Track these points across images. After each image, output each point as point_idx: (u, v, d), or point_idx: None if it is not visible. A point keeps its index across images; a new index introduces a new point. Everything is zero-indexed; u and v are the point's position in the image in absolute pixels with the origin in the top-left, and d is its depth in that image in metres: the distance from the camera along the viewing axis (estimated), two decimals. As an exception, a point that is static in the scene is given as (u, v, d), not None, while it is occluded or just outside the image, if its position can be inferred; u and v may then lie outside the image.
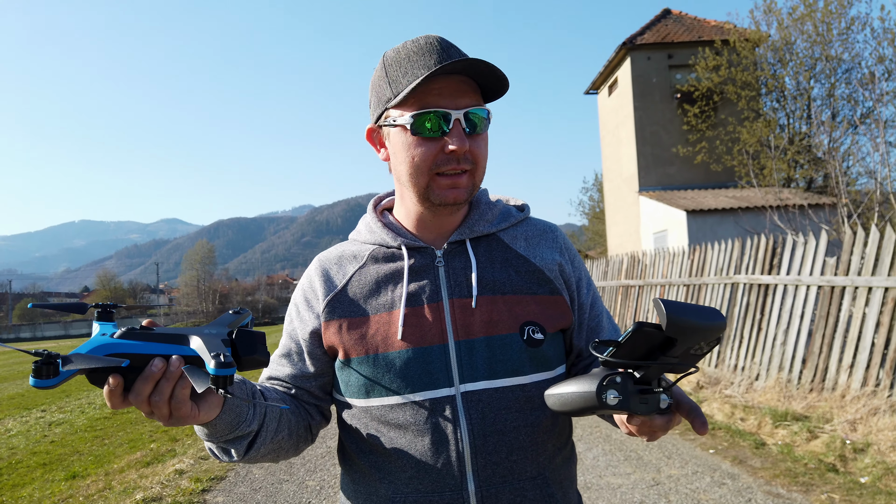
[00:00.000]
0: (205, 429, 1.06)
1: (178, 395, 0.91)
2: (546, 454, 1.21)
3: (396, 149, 1.20)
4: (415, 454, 1.16)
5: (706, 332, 0.88)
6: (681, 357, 0.92)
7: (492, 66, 1.11)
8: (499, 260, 1.27)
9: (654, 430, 1.01)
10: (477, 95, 1.17)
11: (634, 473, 5.23)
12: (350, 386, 1.23)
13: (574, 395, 0.96)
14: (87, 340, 0.88)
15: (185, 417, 0.94)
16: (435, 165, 1.15)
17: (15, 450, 7.86)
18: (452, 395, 1.16)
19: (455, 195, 1.17)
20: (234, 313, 1.02)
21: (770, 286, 7.59)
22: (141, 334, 0.90)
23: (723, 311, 8.53)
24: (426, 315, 1.20)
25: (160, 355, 0.90)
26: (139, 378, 0.89)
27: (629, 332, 0.89)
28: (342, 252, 1.34)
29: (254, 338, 0.95)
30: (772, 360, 7.25)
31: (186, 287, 74.68)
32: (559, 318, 1.26)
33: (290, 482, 5.57)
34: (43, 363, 0.79)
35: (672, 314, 0.85)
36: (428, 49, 1.14)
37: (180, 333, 0.92)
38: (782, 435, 5.86)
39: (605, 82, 23.08)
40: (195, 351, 0.90)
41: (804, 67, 17.94)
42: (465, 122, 1.14)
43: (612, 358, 0.92)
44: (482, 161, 1.19)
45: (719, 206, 16.21)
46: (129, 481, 5.90)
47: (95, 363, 0.84)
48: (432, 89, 1.13)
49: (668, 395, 0.96)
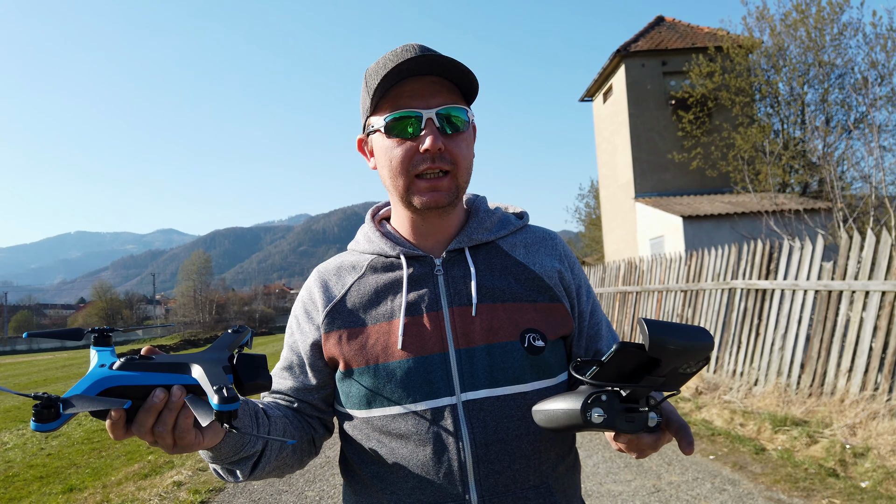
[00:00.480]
0: (209, 452, 1.06)
1: (181, 425, 0.91)
2: (549, 463, 1.20)
3: (378, 154, 1.22)
4: (417, 464, 1.15)
5: (691, 352, 0.87)
6: (667, 376, 0.91)
7: (452, 61, 1.12)
8: (498, 268, 1.27)
9: (643, 448, 1.01)
10: (453, 95, 1.17)
11: (635, 480, 5.22)
12: (351, 397, 1.22)
13: (559, 413, 0.96)
14: (87, 373, 0.86)
15: (189, 446, 0.94)
16: (412, 167, 1.16)
17: (11, 463, 7.80)
18: (454, 403, 1.16)
19: (435, 198, 1.17)
20: (234, 332, 1.01)
21: (767, 291, 7.60)
22: (141, 364, 0.89)
23: (720, 317, 8.54)
24: (426, 324, 1.20)
25: (161, 385, 0.88)
26: (141, 410, 0.88)
27: (611, 353, 0.88)
28: (341, 263, 1.34)
29: (255, 362, 0.95)
30: (770, 366, 7.25)
31: (183, 297, 74.50)
32: (560, 325, 1.25)
33: (290, 493, 5.54)
34: (43, 407, 0.78)
35: (655, 335, 0.84)
36: (401, 54, 1.15)
37: (181, 362, 0.91)
38: (782, 440, 5.85)
39: (600, 89, 23.16)
40: (196, 380, 0.89)
41: (797, 73, 18.05)
42: (438, 121, 1.14)
43: (595, 378, 0.91)
44: (462, 161, 1.18)
45: (715, 212, 16.25)
46: (126, 494, 5.86)
47: (97, 405, 0.82)
48: (404, 91, 1.15)
49: (657, 413, 0.96)
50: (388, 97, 1.16)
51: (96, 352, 0.90)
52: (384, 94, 1.16)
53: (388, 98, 1.16)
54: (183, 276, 77.27)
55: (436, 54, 1.13)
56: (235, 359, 0.94)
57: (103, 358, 0.88)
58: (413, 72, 1.13)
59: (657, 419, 0.95)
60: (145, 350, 0.92)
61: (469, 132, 1.21)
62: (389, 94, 1.16)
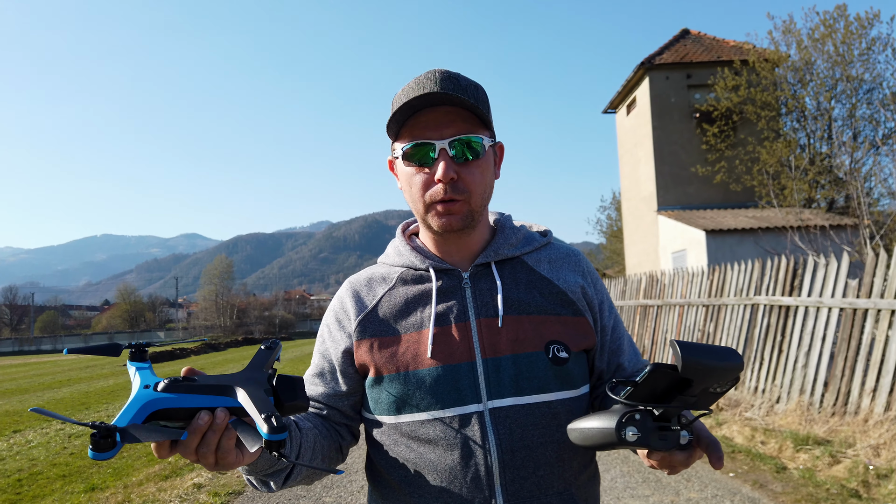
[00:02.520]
0: (245, 467, 1.10)
1: (224, 446, 0.94)
2: (572, 471, 1.24)
3: (401, 178, 1.29)
4: (444, 469, 1.19)
5: (722, 373, 0.91)
6: (699, 396, 0.94)
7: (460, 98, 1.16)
8: (523, 281, 1.31)
9: (675, 465, 1.04)
10: (468, 124, 1.21)
11: (653, 496, 5.18)
12: (380, 403, 1.27)
13: (594, 431, 0.99)
14: (133, 396, 0.88)
15: (230, 464, 0.97)
16: (428, 194, 1.22)
17: (35, 461, 7.94)
18: (480, 410, 1.20)
19: (449, 222, 1.22)
20: (267, 349, 1.04)
21: (791, 308, 7.51)
22: (184, 386, 0.91)
23: (742, 333, 8.46)
24: (454, 334, 1.24)
25: (206, 408, 0.91)
26: (187, 430, 0.91)
27: (645, 374, 0.91)
28: (372, 274, 1.39)
29: (294, 384, 0.98)
30: (793, 383, 7.16)
31: (205, 301, 75.20)
32: (583, 338, 1.29)
33: (307, 498, 5.58)
34: (101, 437, 0.81)
35: (687, 356, 0.88)
36: (422, 84, 1.20)
37: (224, 384, 0.93)
38: (804, 459, 5.77)
39: (624, 101, 23.11)
40: (240, 403, 0.92)
41: (825, 88, 17.87)
42: (451, 150, 1.19)
43: (629, 399, 0.94)
44: (476, 188, 1.22)
45: (739, 227, 16.11)
46: (147, 494, 5.95)
47: (154, 436, 0.86)
48: (420, 122, 1.20)
49: (689, 431, 0.99)
50: (406, 126, 1.22)
51: (136, 369, 0.93)
52: (403, 123, 1.22)
53: (407, 127, 1.23)
54: (205, 280, 78.04)
55: (449, 90, 1.18)
56: (275, 380, 0.97)
57: (146, 378, 0.91)
58: (426, 104, 1.19)
59: (689, 437, 0.98)
60: (185, 371, 0.95)
61: (486, 158, 1.25)
62: (408, 123, 1.22)
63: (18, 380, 22.34)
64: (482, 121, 1.23)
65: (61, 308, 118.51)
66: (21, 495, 6.31)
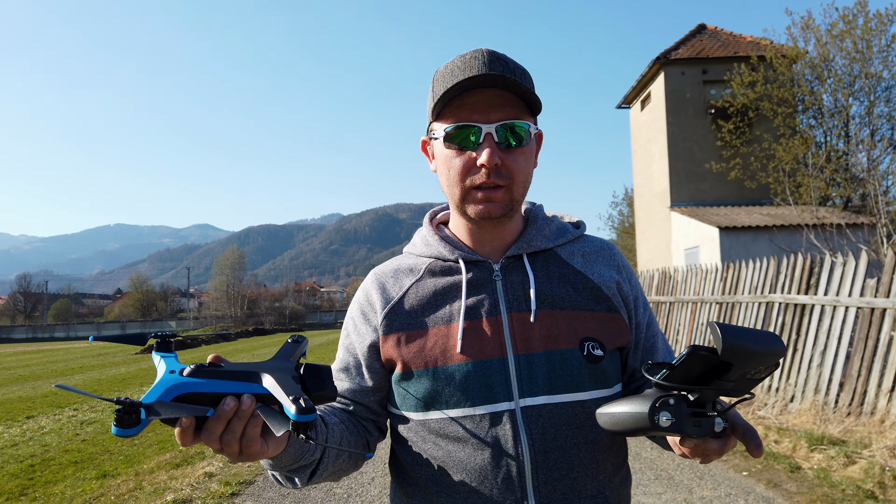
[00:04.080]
0: (270, 460, 1.07)
1: (249, 434, 0.91)
2: (606, 473, 1.20)
3: (438, 161, 1.22)
4: (474, 468, 1.15)
5: (764, 357, 0.87)
6: (736, 381, 0.90)
7: (515, 82, 1.12)
8: (556, 275, 1.27)
9: (708, 454, 0.99)
10: (516, 109, 1.16)
11: (665, 493, 5.15)
12: (408, 399, 1.23)
13: (626, 416, 0.95)
14: (158, 380, 0.87)
15: (254, 454, 0.94)
16: (468, 178, 1.16)
17: (48, 447, 8.01)
18: (512, 409, 1.15)
19: (489, 209, 1.17)
20: (294, 342, 1.02)
21: (807, 306, 7.43)
22: (210, 372, 0.89)
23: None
24: (485, 329, 1.20)
25: (232, 394, 0.89)
26: (211, 417, 0.88)
27: (683, 356, 0.88)
28: (398, 265, 1.34)
29: (321, 373, 0.95)
30: (807, 382, 7.09)
31: (216, 291, 75.53)
32: (618, 335, 1.25)
33: (318, 489, 5.58)
34: (125, 412, 0.78)
35: (728, 339, 0.84)
36: (470, 64, 1.15)
37: (250, 371, 0.92)
38: (818, 459, 5.71)
39: (638, 97, 22.94)
40: (266, 389, 0.89)
41: (843, 85, 17.64)
42: (497, 135, 1.14)
43: (665, 381, 0.91)
44: (520, 175, 1.18)
45: (753, 224, 15.96)
46: (159, 482, 5.97)
47: (179, 412, 0.84)
48: (467, 103, 1.15)
49: (723, 418, 0.95)
50: (451, 106, 1.16)
51: (161, 357, 0.91)
52: (447, 103, 1.16)
53: (451, 107, 1.16)
54: (217, 270, 78.37)
55: (500, 72, 1.13)
56: (302, 369, 0.95)
57: (171, 364, 0.89)
58: (476, 86, 1.13)
59: (723, 424, 0.95)
60: (211, 357, 0.93)
61: (530, 146, 1.20)
62: (452, 103, 1.16)
63: (32, 366, 22.56)
64: (529, 107, 1.19)
65: (74, 296, 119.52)
66: (34, 481, 6.36)
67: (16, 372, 20.21)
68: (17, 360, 26.73)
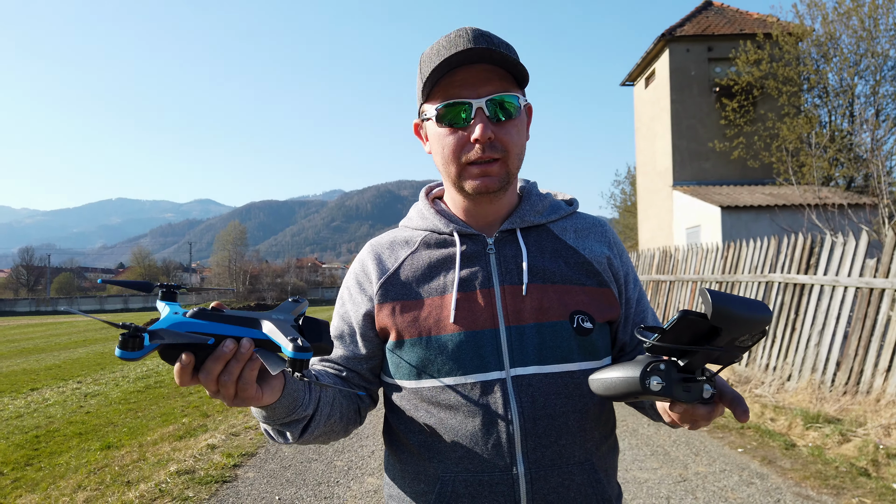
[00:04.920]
0: (263, 412, 1.10)
1: (245, 377, 0.94)
2: (593, 441, 1.24)
3: (432, 141, 1.24)
4: (465, 435, 1.19)
5: (751, 323, 0.90)
6: (725, 347, 0.93)
7: (501, 54, 1.13)
8: (549, 250, 1.29)
9: (697, 420, 1.02)
10: (504, 82, 1.18)
11: (661, 469, 5.22)
12: (401, 368, 1.26)
13: (618, 380, 0.98)
14: (162, 318, 0.89)
15: (249, 398, 0.97)
16: (463, 155, 1.18)
17: (52, 419, 8.11)
18: (503, 378, 1.19)
19: (486, 183, 1.19)
20: (294, 301, 1.04)
21: (806, 286, 7.46)
22: (213, 315, 0.92)
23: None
24: (478, 300, 1.23)
25: (232, 336, 0.92)
26: (210, 357, 0.91)
27: (674, 320, 0.90)
28: (394, 237, 1.37)
29: (319, 326, 0.98)
30: (805, 361, 7.14)
31: (218, 267, 75.82)
32: (607, 309, 1.28)
33: (319, 461, 5.67)
34: (130, 336, 0.81)
35: (717, 304, 0.87)
36: (455, 42, 1.16)
37: (251, 317, 0.95)
38: (813, 437, 5.78)
39: (642, 74, 22.76)
40: (266, 335, 0.92)
41: (848, 63, 17.49)
42: (488, 109, 1.16)
43: (658, 342, 0.93)
44: (514, 148, 1.20)
45: (755, 203, 15.94)
46: (162, 454, 6.06)
47: (182, 339, 0.86)
48: (455, 80, 1.17)
49: (712, 384, 0.98)
50: (439, 85, 1.18)
51: (166, 304, 0.93)
52: (436, 83, 1.18)
53: (439, 86, 1.18)
54: (219, 246, 78.56)
55: (486, 46, 1.14)
56: (301, 320, 0.98)
57: (175, 308, 0.92)
58: (464, 62, 1.15)
59: (711, 391, 0.97)
60: (215, 304, 0.96)
61: (521, 118, 1.22)
62: (441, 82, 1.18)
63: (35, 339, 22.73)
64: (517, 80, 1.21)
65: (77, 270, 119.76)
66: (39, 451, 6.46)
67: (20, 345, 20.38)
68: (21, 333, 26.93)
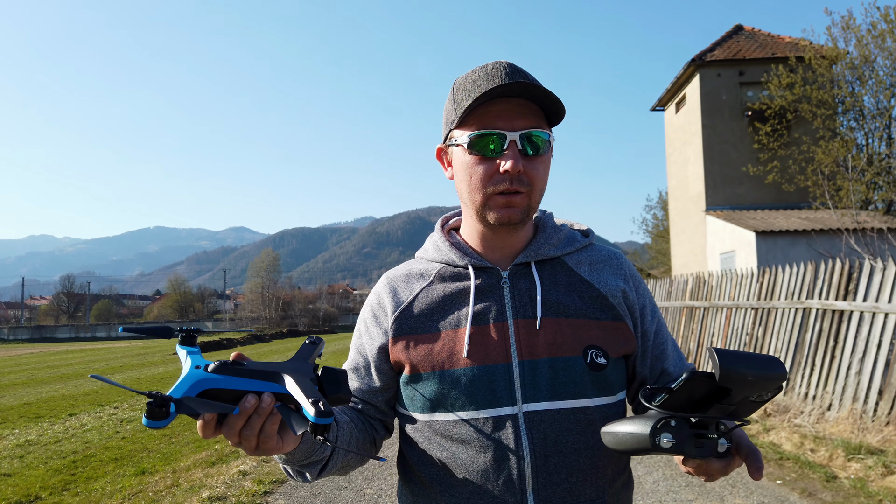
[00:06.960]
0: (283, 455, 1.11)
1: (266, 430, 0.96)
2: (606, 478, 1.22)
3: (457, 167, 1.25)
4: (476, 470, 1.18)
5: (763, 383, 0.88)
6: (738, 405, 0.91)
7: (545, 90, 1.15)
8: (563, 283, 1.29)
9: (712, 473, 1.01)
10: (537, 119, 1.20)
11: (696, 501, 5.10)
12: (415, 401, 1.26)
13: (628, 436, 0.97)
14: (185, 375, 0.92)
15: (270, 450, 0.99)
16: (490, 184, 1.19)
17: (89, 444, 8.24)
18: (515, 413, 1.18)
19: (509, 214, 1.20)
20: (311, 343, 1.06)
21: (845, 313, 7.28)
22: (233, 369, 0.94)
23: (793, 337, 8.22)
24: (491, 334, 1.23)
25: (253, 392, 0.94)
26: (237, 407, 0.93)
27: (681, 381, 0.89)
28: (409, 270, 1.38)
29: (338, 376, 1.00)
30: (845, 390, 6.94)
31: (251, 293, 76.61)
32: (622, 344, 1.27)
33: (349, 489, 5.66)
34: (156, 405, 0.84)
35: (725, 365, 0.85)
36: (492, 74, 1.18)
37: (271, 371, 0.96)
38: (855, 468, 5.60)
39: (673, 99, 22.66)
40: (286, 390, 0.94)
41: (884, 86, 17.18)
42: (521, 143, 1.17)
43: (664, 406, 0.92)
44: (539, 183, 1.21)
45: (791, 228, 15.64)
46: (195, 480, 6.12)
47: (207, 409, 0.89)
48: (491, 111, 1.18)
49: (727, 438, 0.96)
50: (475, 114, 1.19)
51: (186, 351, 0.96)
52: (472, 111, 1.19)
53: (474, 115, 1.19)
54: (252, 272, 79.51)
55: (527, 81, 1.16)
56: (320, 370, 0.99)
57: (196, 360, 0.94)
58: (505, 93, 1.17)
59: (727, 445, 0.96)
60: (234, 356, 0.98)
61: (548, 154, 1.23)
62: (476, 111, 1.19)
63: (74, 365, 23.18)
64: (548, 117, 1.22)
65: (115, 297, 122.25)
66: (76, 476, 6.57)
67: (59, 370, 20.81)
68: (61, 359, 27.50)
